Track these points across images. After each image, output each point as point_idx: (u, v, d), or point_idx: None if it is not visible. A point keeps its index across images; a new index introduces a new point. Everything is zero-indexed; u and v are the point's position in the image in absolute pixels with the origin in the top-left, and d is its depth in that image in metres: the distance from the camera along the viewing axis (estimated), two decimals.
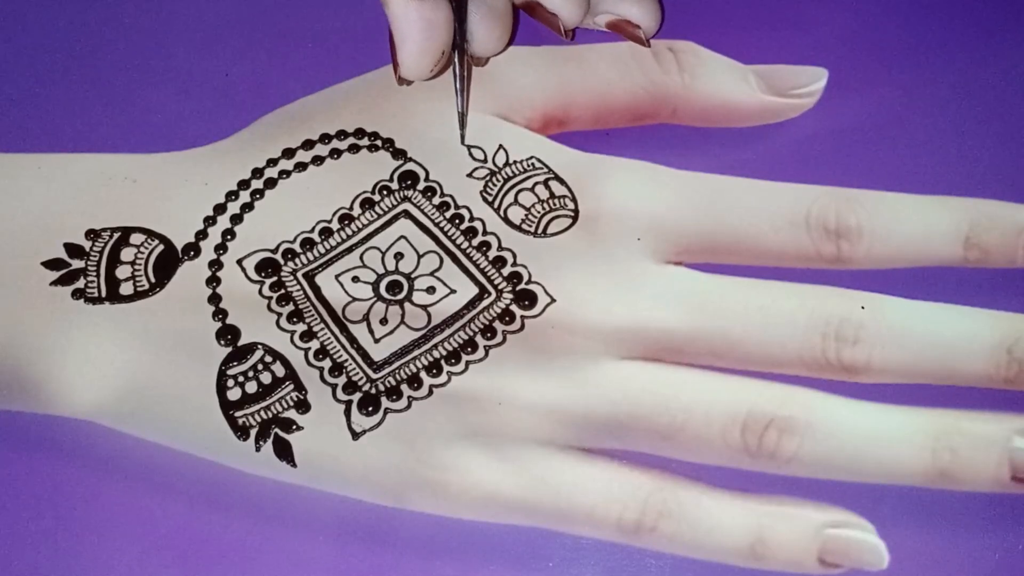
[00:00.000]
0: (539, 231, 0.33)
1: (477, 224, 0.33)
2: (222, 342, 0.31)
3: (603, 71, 0.35)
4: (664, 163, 0.34)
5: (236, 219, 0.33)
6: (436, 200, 0.34)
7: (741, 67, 0.36)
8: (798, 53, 0.36)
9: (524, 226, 0.33)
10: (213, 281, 0.32)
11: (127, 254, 0.33)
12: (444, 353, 0.31)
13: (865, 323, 0.31)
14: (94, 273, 0.32)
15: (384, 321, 0.32)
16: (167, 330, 0.31)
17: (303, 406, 0.30)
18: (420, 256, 0.33)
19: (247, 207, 0.33)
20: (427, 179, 0.34)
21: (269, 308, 0.32)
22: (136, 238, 0.33)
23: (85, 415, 0.31)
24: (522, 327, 0.31)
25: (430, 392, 0.30)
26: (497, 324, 0.31)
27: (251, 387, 0.30)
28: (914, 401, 0.30)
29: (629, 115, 0.35)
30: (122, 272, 0.32)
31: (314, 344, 0.31)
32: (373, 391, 0.30)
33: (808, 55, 0.36)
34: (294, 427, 0.30)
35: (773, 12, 0.38)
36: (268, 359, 0.31)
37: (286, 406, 0.30)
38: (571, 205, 0.33)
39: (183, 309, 0.32)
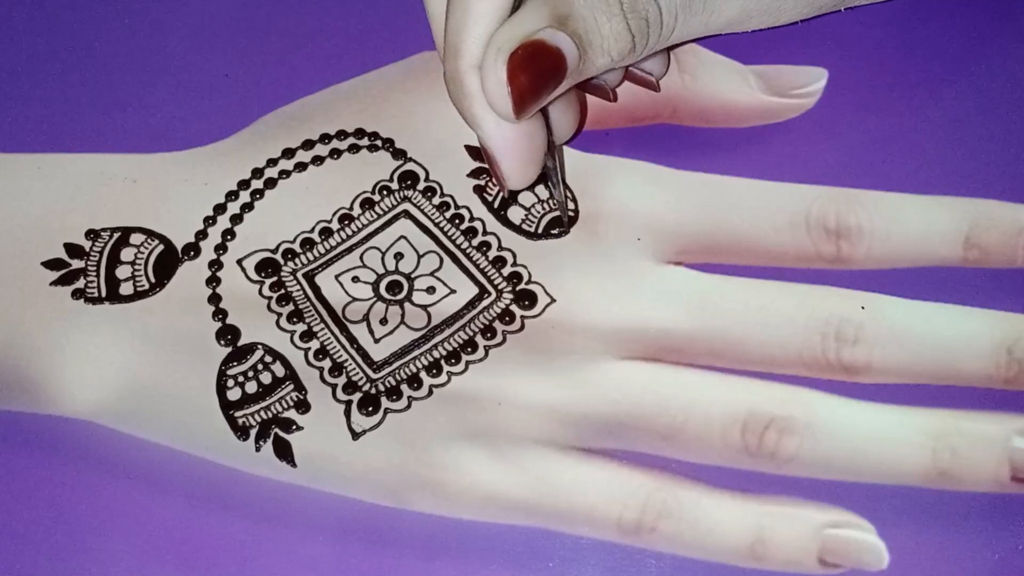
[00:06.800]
0: (539, 231, 0.33)
1: (477, 224, 0.33)
2: (222, 342, 0.31)
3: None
4: (664, 163, 0.34)
5: (236, 219, 0.33)
6: (436, 200, 0.34)
7: (741, 67, 0.36)
8: (798, 53, 0.36)
9: (524, 226, 0.33)
10: (213, 281, 0.32)
11: (127, 254, 0.33)
12: (444, 353, 0.31)
13: (865, 323, 0.31)
14: (94, 273, 0.32)
15: (384, 321, 0.32)
16: (167, 330, 0.31)
17: (303, 406, 0.30)
18: (420, 256, 0.33)
19: (247, 207, 0.33)
20: (427, 179, 0.34)
21: (269, 308, 0.32)
22: (136, 238, 0.33)
23: (85, 415, 0.31)
24: (522, 327, 0.31)
25: (430, 392, 0.30)
26: (497, 324, 0.31)
27: (251, 387, 0.30)
28: (914, 401, 0.30)
29: (629, 115, 0.35)
30: (122, 272, 0.32)
31: (314, 344, 0.31)
32: (373, 391, 0.30)
33: (808, 55, 0.36)
34: (294, 427, 0.30)
35: None
36: (268, 359, 0.31)
37: (286, 406, 0.30)
38: (571, 205, 0.33)
39: (183, 309, 0.32)
